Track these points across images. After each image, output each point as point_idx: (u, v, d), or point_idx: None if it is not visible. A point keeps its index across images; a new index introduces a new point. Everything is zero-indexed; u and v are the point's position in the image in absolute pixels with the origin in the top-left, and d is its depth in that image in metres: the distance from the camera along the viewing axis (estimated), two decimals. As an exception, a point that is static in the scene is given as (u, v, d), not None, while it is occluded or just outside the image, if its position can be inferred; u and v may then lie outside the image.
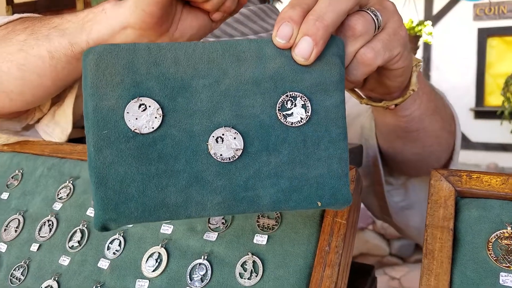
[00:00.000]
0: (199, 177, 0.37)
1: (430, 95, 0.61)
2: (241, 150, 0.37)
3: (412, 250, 3.79)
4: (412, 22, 4.23)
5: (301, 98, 0.38)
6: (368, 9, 0.41)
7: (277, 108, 0.38)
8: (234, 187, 0.37)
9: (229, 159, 0.37)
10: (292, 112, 0.38)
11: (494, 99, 5.68)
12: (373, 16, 0.41)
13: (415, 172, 0.79)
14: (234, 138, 0.37)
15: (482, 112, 5.74)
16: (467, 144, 5.82)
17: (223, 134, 0.37)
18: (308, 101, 0.38)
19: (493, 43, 5.66)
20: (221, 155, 0.37)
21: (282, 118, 0.38)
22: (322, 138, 0.38)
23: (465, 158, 5.62)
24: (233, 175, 0.37)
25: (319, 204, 0.38)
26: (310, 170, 0.38)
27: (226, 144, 0.37)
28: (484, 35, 5.61)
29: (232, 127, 0.37)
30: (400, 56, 0.44)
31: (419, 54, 5.42)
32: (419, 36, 4.26)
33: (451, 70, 5.73)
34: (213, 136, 0.37)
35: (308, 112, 0.38)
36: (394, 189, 0.82)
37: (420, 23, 4.22)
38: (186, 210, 0.37)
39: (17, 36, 0.59)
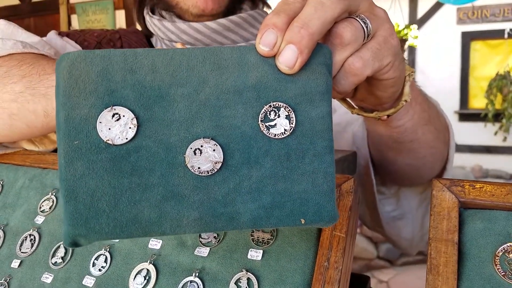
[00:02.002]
0: (174, 192, 0.35)
1: (424, 105, 0.59)
2: (221, 163, 0.35)
3: (399, 253, 3.81)
4: (398, 26, 4.27)
5: (285, 109, 0.36)
6: (357, 16, 0.39)
7: (259, 119, 0.36)
8: (212, 202, 0.35)
9: (208, 173, 0.35)
10: (275, 123, 0.36)
11: (478, 102, 5.76)
12: (363, 24, 0.39)
13: (408, 182, 0.78)
14: (213, 150, 0.35)
15: (466, 115, 5.81)
16: (452, 146, 5.88)
17: (201, 146, 0.35)
18: (292, 112, 0.36)
19: (476, 46, 5.74)
20: (199, 168, 0.35)
21: (265, 129, 0.36)
22: (307, 151, 0.36)
23: (450, 160, 5.68)
24: (211, 190, 0.35)
25: (303, 221, 0.36)
26: (293, 185, 0.36)
27: (204, 157, 0.35)
28: (467, 38, 5.69)
29: (212, 139, 0.35)
30: (391, 66, 0.43)
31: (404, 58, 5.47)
32: (405, 40, 4.31)
33: (436, 73, 5.79)
34: (191, 148, 0.35)
35: (292, 124, 0.36)
36: (385, 198, 0.80)
37: (406, 27, 4.27)
38: (160, 227, 0.35)
39: (12, 84, 0.58)
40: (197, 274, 0.48)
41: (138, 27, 0.99)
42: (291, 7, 0.36)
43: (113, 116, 0.35)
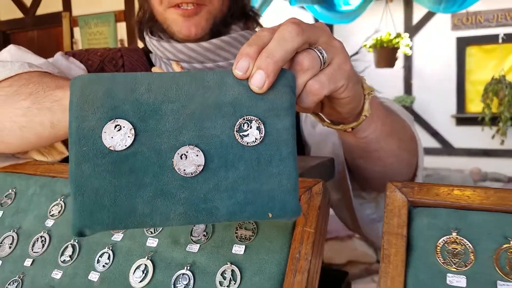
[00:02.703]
0: (164, 190, 0.42)
1: (385, 119, 0.67)
2: (202, 166, 0.42)
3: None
4: (390, 35, 4.34)
5: (256, 121, 0.43)
6: (315, 48, 0.47)
7: (235, 129, 0.43)
8: (195, 199, 0.42)
9: (191, 174, 0.42)
10: (248, 133, 0.43)
11: (474, 106, 5.81)
12: (319, 54, 0.46)
13: (381, 187, 0.85)
14: (197, 155, 0.42)
15: (463, 119, 5.86)
16: (450, 150, 5.93)
17: (187, 152, 0.42)
18: (262, 124, 0.43)
19: (471, 51, 5.80)
20: (184, 170, 0.42)
21: (239, 138, 0.43)
22: (274, 157, 0.43)
23: (448, 163, 5.73)
24: (195, 188, 0.42)
25: (270, 215, 0.43)
26: (262, 185, 0.43)
27: (189, 161, 0.42)
28: (463, 44, 5.75)
29: (195, 146, 0.42)
30: (345, 87, 0.50)
31: (400, 64, 5.51)
32: (397, 48, 4.38)
33: (432, 78, 5.84)
34: (178, 154, 0.42)
35: (262, 134, 0.43)
36: (366, 202, 0.87)
37: (398, 35, 4.34)
38: (151, 219, 0.42)
39: (22, 101, 0.66)
40: (188, 267, 0.54)
41: (139, 44, 1.07)
42: (261, 39, 0.45)
43: (115, 127, 0.42)
